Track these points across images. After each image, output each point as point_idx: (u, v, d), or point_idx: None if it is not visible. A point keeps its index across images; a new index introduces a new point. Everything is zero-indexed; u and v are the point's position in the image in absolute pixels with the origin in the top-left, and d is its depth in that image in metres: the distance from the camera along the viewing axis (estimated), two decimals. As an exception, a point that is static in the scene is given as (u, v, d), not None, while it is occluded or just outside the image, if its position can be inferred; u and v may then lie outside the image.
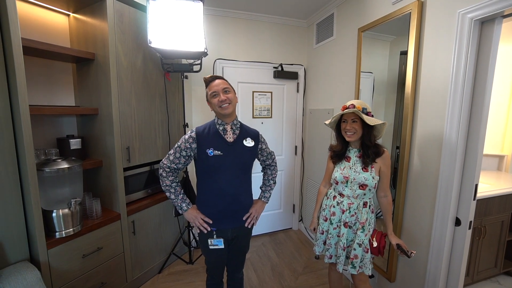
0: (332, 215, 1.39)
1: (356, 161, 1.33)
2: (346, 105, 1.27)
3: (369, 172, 1.29)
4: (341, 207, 1.36)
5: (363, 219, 1.32)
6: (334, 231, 1.39)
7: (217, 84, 1.24)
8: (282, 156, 2.76)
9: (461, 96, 1.20)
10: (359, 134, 1.28)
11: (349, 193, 1.34)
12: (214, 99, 1.24)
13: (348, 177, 1.32)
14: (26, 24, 1.56)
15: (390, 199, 1.37)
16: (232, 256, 1.42)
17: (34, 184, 1.24)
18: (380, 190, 1.36)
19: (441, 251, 1.33)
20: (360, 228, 1.31)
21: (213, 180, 1.26)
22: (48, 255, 1.33)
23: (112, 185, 1.74)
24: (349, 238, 1.36)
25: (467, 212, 1.26)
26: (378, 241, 1.32)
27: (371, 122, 1.22)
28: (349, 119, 1.28)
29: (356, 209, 1.33)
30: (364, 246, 1.30)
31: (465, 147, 1.25)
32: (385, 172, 1.32)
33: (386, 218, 1.37)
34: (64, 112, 1.58)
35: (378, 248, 1.31)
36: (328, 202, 1.44)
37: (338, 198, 1.39)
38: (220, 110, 1.23)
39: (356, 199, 1.33)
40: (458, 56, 1.19)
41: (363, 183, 1.29)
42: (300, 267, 2.23)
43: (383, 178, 1.33)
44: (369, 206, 1.34)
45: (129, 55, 1.73)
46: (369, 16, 1.77)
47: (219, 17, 2.35)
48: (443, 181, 1.30)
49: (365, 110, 1.25)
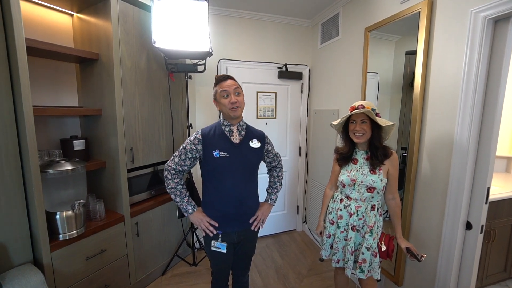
0: (339, 218, 1.36)
1: (364, 163, 1.30)
2: (355, 106, 1.24)
3: (377, 174, 1.26)
4: (349, 210, 1.33)
5: (371, 222, 1.29)
6: (341, 235, 1.37)
7: (228, 85, 1.21)
8: (286, 157, 2.73)
9: (473, 97, 1.17)
10: (368, 136, 1.24)
11: (357, 196, 1.31)
12: (224, 99, 1.21)
13: (355, 179, 1.29)
14: (30, 24, 1.55)
15: (398, 201, 1.35)
16: (238, 259, 1.39)
17: (37, 186, 1.23)
18: (388, 193, 1.34)
19: (451, 256, 1.30)
20: (368, 231, 1.28)
21: (218, 182, 1.24)
22: (52, 257, 1.32)
23: (116, 187, 1.72)
24: (357, 242, 1.33)
25: (479, 216, 1.23)
26: (387, 244, 1.30)
27: (383, 123, 1.19)
28: (358, 120, 1.25)
29: (364, 212, 1.30)
30: (373, 250, 1.27)
31: (477, 149, 1.22)
32: (393, 174, 1.29)
33: (395, 221, 1.34)
34: (68, 113, 1.57)
35: (387, 252, 1.29)
36: (334, 205, 1.41)
37: (345, 201, 1.36)
38: (230, 112, 1.21)
39: (364, 202, 1.30)
40: (470, 56, 1.16)
41: (371, 186, 1.26)
42: (304, 270, 2.20)
43: (391, 180, 1.30)
44: (377, 209, 1.32)
45: (133, 56, 1.72)
46: (376, 16, 1.74)
47: (223, 17, 2.33)
48: (454, 183, 1.27)
49: (374, 111, 1.22)
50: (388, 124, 1.20)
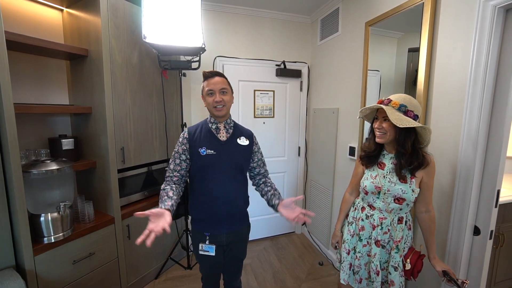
0: (361, 229, 1.19)
1: (392, 169, 1.10)
2: (383, 99, 1.06)
3: (408, 183, 1.06)
4: (371, 221, 1.16)
5: (398, 237, 1.11)
6: (364, 249, 1.18)
7: (215, 82, 1.16)
8: (284, 157, 2.65)
9: (481, 93, 1.08)
10: (390, 136, 1.05)
11: (381, 206, 1.12)
12: (209, 97, 1.17)
13: (380, 187, 1.11)
14: (19, 20, 1.50)
15: (433, 214, 1.13)
16: (228, 263, 1.32)
17: (19, 187, 1.17)
18: (420, 204, 1.12)
19: (457, 263, 1.21)
20: (394, 247, 1.11)
21: (205, 180, 1.18)
22: (35, 262, 1.26)
23: (106, 187, 1.66)
24: (383, 260, 1.15)
25: (488, 220, 1.14)
26: (413, 263, 1.10)
27: (399, 123, 0.96)
28: (380, 116, 1.07)
29: (389, 226, 1.12)
30: (400, 269, 1.11)
31: (486, 149, 1.13)
32: (428, 183, 1.08)
33: (429, 239, 1.14)
34: (55, 111, 1.51)
35: (411, 271, 1.10)
36: (356, 214, 1.23)
37: (368, 210, 1.18)
38: (214, 110, 1.17)
39: (390, 213, 1.12)
40: (479, 48, 1.07)
41: (399, 197, 1.08)
42: (303, 274, 2.13)
43: (425, 190, 1.09)
44: (405, 222, 1.13)
45: (123, 51, 1.66)
46: (377, 10, 1.67)
47: (219, 13, 2.26)
48: (460, 185, 1.18)
49: (404, 107, 1.00)
50: (409, 125, 0.96)
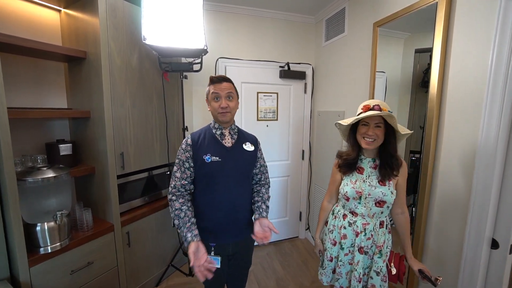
0: (343, 238, 1.19)
1: (371, 173, 1.14)
2: (370, 105, 1.06)
3: (387, 186, 1.11)
4: (354, 228, 1.16)
5: (381, 242, 1.13)
6: (346, 258, 1.19)
7: (222, 88, 1.11)
8: (288, 161, 2.59)
9: (501, 97, 1.02)
10: (379, 142, 1.09)
11: (363, 211, 1.14)
12: (214, 102, 1.13)
13: (361, 192, 1.13)
14: (15, 21, 1.45)
15: (407, 216, 1.19)
16: (233, 272, 1.27)
17: (13, 196, 1.12)
18: (396, 206, 1.18)
19: (473, 279, 1.15)
20: (377, 252, 1.13)
21: (210, 188, 1.13)
22: (30, 273, 1.21)
23: (105, 194, 1.61)
24: (365, 266, 1.16)
25: (508, 233, 1.07)
26: (397, 267, 1.13)
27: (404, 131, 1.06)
28: (372, 123, 1.07)
29: (372, 231, 1.13)
30: (383, 274, 1.12)
31: (505, 157, 1.07)
32: (402, 185, 1.15)
33: (405, 239, 1.19)
34: (53, 115, 1.46)
35: (398, 275, 1.12)
36: (336, 222, 1.23)
37: (350, 217, 1.18)
38: (219, 116, 1.13)
39: (372, 218, 1.14)
40: (499, 48, 1.01)
41: (380, 200, 1.11)
42: (307, 281, 2.06)
43: (400, 192, 1.15)
44: (386, 225, 1.16)
45: (123, 53, 1.60)
46: (386, 10, 1.60)
47: (221, 13, 2.20)
48: (478, 195, 1.11)
49: (391, 112, 1.05)
50: (409, 132, 1.06)
